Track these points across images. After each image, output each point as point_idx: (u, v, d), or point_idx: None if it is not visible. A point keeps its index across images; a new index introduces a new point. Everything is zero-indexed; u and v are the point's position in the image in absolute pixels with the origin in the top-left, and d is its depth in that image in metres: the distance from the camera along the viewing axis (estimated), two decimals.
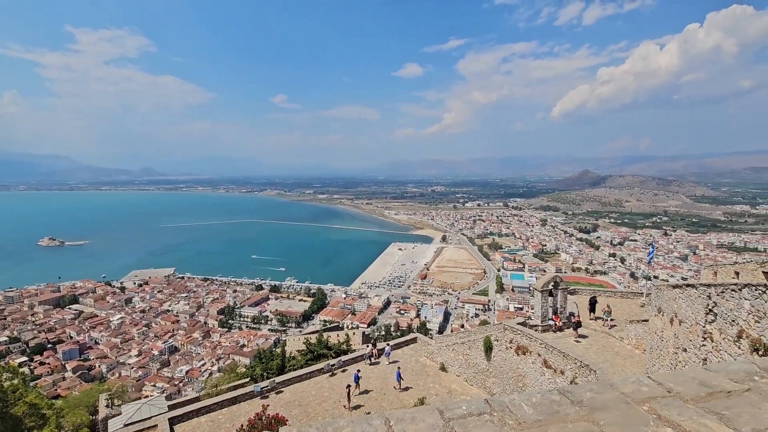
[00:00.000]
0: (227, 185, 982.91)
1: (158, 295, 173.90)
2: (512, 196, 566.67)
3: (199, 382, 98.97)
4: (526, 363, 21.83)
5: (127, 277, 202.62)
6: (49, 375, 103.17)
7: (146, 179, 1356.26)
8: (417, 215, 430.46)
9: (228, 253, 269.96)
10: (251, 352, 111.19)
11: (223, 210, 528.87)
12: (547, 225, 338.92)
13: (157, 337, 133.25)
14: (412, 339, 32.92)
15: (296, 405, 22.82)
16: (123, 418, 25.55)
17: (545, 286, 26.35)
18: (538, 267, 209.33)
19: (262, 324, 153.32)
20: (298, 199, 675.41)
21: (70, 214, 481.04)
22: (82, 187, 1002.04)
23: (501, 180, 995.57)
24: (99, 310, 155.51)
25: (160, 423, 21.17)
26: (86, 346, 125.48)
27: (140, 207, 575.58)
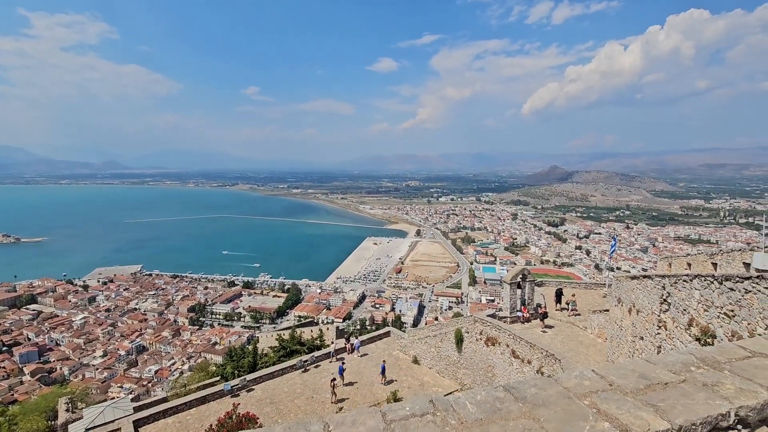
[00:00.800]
0: (197, 179, 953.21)
1: (124, 293, 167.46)
2: (484, 191, 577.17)
3: (168, 382, 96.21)
4: (495, 354, 22.40)
5: (90, 275, 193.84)
6: (5, 379, 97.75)
7: (110, 173, 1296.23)
8: (392, 210, 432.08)
9: (198, 249, 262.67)
10: (223, 350, 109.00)
11: (193, 205, 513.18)
12: (518, 219, 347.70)
13: (124, 336, 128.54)
14: (386, 333, 33.14)
15: (268, 402, 22.59)
16: (85, 422, 24.57)
17: (513, 279, 27.07)
18: (509, 260, 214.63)
19: (234, 321, 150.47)
20: (272, 193, 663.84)
21: (26, 209, 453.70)
22: (39, 180, 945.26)
23: (474, 175, 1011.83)
24: (60, 309, 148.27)
25: (123, 426, 20.51)
26: (46, 347, 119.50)
27: (104, 202, 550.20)
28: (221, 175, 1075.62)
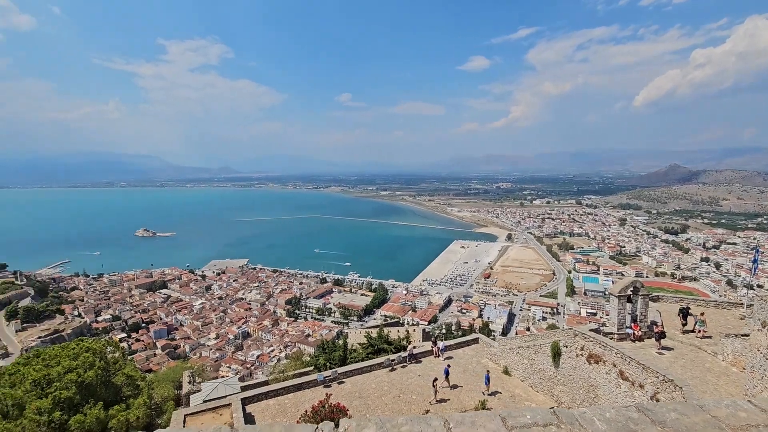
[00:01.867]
0: (295, 182, 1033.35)
1: (233, 283, 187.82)
2: (586, 193, 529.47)
3: (268, 366, 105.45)
4: (598, 373, 20.21)
5: (207, 267, 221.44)
6: (143, 351, 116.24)
7: (224, 176, 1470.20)
8: (481, 212, 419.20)
9: (294, 247, 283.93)
10: (315, 341, 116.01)
11: (291, 205, 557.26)
12: (627, 225, 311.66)
13: (232, 322, 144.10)
14: (474, 339, 32.05)
15: (357, 396, 23.31)
16: (203, 394, 27.87)
17: (623, 291, 24.17)
18: (614, 270, 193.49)
19: (325, 316, 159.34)
20: (361, 195, 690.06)
21: (160, 208, 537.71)
22: (170, 184, 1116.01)
23: (573, 176, 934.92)
24: (184, 295, 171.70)
25: (233, 402, 22.78)
26: (173, 327, 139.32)
27: (218, 202, 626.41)
28: (316, 178, 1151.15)
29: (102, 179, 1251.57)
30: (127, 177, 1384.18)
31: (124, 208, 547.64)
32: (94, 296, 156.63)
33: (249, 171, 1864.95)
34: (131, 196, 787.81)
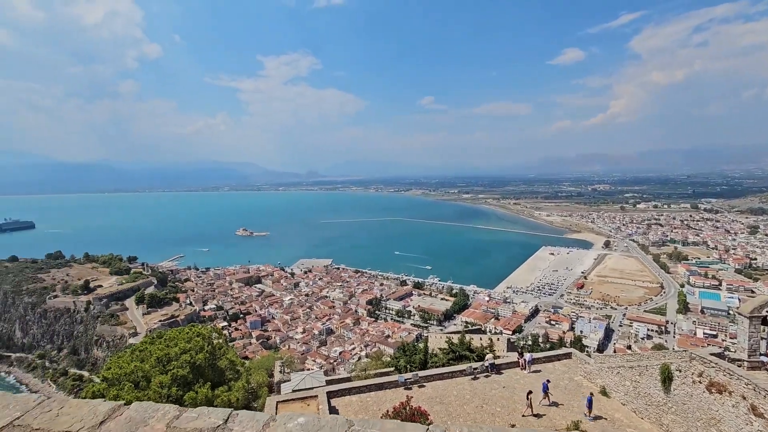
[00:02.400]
0: (377, 185, 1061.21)
1: (319, 282, 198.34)
2: (705, 195, 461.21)
3: (349, 363, 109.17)
4: (722, 405, 17.16)
5: (295, 265, 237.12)
6: (240, 339, 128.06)
7: (311, 180, 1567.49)
8: (573, 217, 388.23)
9: (375, 248, 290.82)
10: (395, 343, 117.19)
11: (372, 208, 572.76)
12: (759, 233, 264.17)
13: (317, 318, 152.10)
14: (566, 354, 29.53)
15: (438, 402, 22.86)
16: (292, 383, 29.65)
17: (756, 312, 20.31)
18: (742, 286, 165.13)
19: (405, 318, 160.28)
20: (442, 198, 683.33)
21: (257, 210, 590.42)
22: (265, 188, 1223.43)
23: (687, 176, 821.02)
24: (275, 290, 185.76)
25: (320, 394, 23.81)
26: (266, 319, 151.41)
27: (306, 205, 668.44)
28: (397, 181, 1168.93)
29: (210, 184, 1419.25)
30: (230, 182, 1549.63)
31: (227, 209, 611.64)
32: (203, 287, 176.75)
33: (334, 175, 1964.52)
34: (233, 198, 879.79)
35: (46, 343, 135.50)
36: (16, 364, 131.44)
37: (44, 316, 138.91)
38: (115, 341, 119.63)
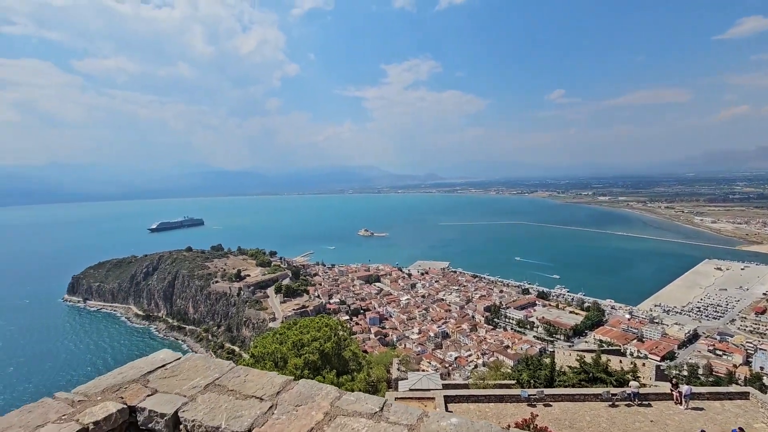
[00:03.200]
0: (498, 187, 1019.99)
1: (435, 284, 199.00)
2: None
3: (465, 370, 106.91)
4: None
5: (413, 266, 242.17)
6: (360, 334, 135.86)
7: (430, 183, 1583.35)
8: (751, 225, 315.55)
9: (494, 253, 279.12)
10: (515, 355, 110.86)
11: (492, 211, 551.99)
12: None
13: (433, 321, 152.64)
14: (740, 393, 23.94)
15: (567, 426, 20.78)
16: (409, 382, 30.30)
17: None
18: None
19: (527, 329, 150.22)
20: (573, 201, 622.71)
21: (377, 211, 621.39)
22: (385, 190, 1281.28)
23: None
24: (393, 290, 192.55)
25: (437, 397, 23.83)
26: (384, 316, 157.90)
27: (424, 206, 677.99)
28: (520, 183, 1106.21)
29: (336, 187, 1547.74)
30: (354, 185, 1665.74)
31: (351, 210, 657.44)
32: (328, 282, 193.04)
33: (453, 177, 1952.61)
34: (356, 200, 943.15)
35: (209, 320, 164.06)
36: (189, 334, 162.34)
37: (209, 297, 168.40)
38: (259, 324, 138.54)
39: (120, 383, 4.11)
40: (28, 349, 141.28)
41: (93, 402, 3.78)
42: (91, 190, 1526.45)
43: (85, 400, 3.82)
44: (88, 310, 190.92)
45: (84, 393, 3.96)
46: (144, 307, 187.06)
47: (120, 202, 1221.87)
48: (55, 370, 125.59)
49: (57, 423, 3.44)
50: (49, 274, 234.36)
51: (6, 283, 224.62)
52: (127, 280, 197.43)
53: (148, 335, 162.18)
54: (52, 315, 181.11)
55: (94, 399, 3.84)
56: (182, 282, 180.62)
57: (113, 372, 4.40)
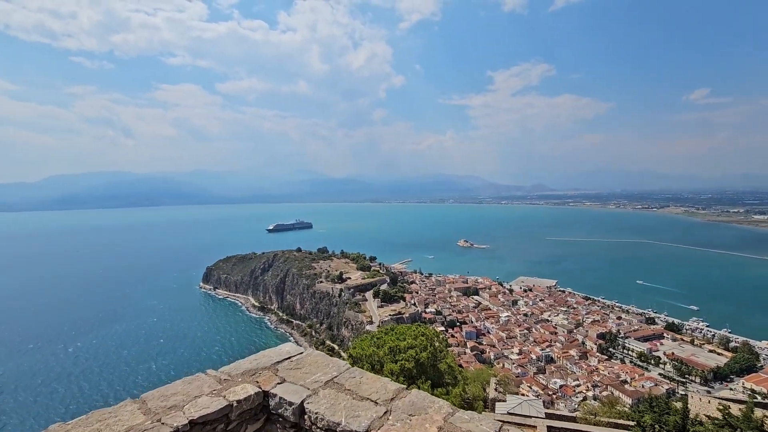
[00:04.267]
0: (618, 200, 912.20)
1: (540, 303, 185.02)
2: None
3: (572, 401, 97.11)
4: None
5: (514, 282, 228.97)
6: (456, 347, 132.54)
7: (536, 194, 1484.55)
8: None
9: (611, 274, 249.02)
10: (634, 392, 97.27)
11: (610, 227, 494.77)
12: None
13: (536, 342, 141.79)
14: None
15: None
16: (507, 405, 28.60)
17: None
18: None
19: (650, 364, 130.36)
20: (718, 219, 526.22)
21: (478, 222, 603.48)
22: (487, 201, 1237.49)
23: None
24: (492, 305, 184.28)
25: (539, 426, 22.11)
26: (481, 332, 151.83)
27: (530, 219, 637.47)
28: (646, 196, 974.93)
29: (437, 196, 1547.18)
30: (455, 194, 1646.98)
31: (451, 220, 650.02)
32: (425, 291, 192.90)
33: (563, 188, 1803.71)
34: (457, 210, 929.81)
35: (313, 317, 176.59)
36: (295, 328, 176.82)
37: (313, 296, 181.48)
38: (357, 325, 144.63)
39: (255, 368, 4.73)
40: (174, 325, 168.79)
41: (235, 382, 4.43)
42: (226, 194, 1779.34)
43: (229, 380, 4.48)
44: (216, 297, 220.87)
45: (228, 373, 4.65)
46: (260, 299, 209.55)
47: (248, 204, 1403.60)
48: (193, 345, 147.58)
49: (209, 396, 4.11)
50: (191, 264, 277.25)
51: (161, 270, 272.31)
52: (248, 274, 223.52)
53: (262, 325, 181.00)
54: (191, 299, 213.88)
55: (236, 380, 4.49)
56: (292, 280, 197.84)
57: (249, 358, 5.08)
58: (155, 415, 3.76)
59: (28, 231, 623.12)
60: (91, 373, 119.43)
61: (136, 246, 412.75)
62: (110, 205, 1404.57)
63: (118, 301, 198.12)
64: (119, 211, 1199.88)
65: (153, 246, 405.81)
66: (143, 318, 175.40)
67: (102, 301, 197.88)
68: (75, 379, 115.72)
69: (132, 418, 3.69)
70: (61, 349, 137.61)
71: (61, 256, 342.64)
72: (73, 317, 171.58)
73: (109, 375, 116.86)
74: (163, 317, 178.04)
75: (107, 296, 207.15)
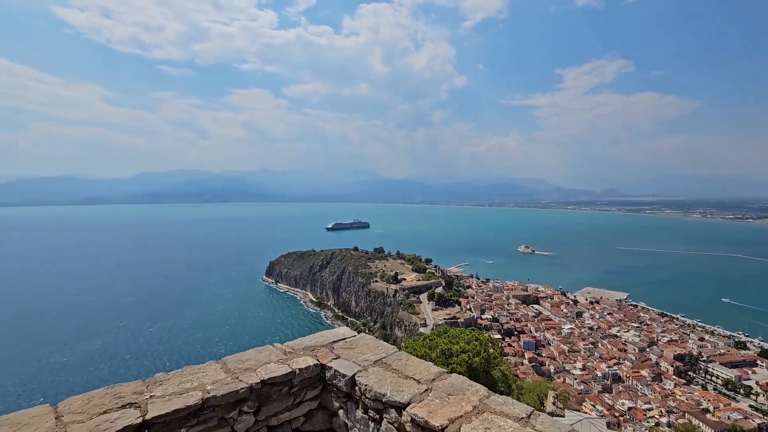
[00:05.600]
0: (705, 209, 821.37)
1: (608, 317, 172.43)
2: None
3: (641, 425, 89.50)
4: None
5: (580, 292, 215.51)
6: (512, 356, 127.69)
7: (607, 200, 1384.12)
8: None
9: (692, 290, 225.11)
10: (718, 423, 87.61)
11: (694, 238, 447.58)
12: None
13: (602, 359, 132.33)
14: None
15: None
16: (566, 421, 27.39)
17: None
18: None
19: (739, 394, 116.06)
20: None
21: (541, 227, 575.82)
22: (552, 205, 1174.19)
23: None
24: (553, 315, 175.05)
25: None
26: (540, 343, 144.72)
27: (600, 227, 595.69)
28: (739, 205, 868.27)
29: (496, 199, 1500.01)
30: (516, 198, 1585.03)
31: (511, 225, 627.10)
32: (481, 297, 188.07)
33: (639, 194, 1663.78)
34: (518, 214, 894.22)
35: (367, 316, 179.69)
36: (350, 325, 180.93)
37: (368, 294, 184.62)
38: (410, 327, 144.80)
39: (314, 345, 5.43)
40: (240, 314, 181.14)
41: (297, 354, 5.16)
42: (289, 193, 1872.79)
43: (293, 352, 5.23)
44: (277, 290, 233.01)
45: (291, 347, 5.39)
46: (317, 294, 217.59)
47: (309, 203, 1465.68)
48: (257, 333, 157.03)
49: (276, 363, 4.90)
50: (255, 257, 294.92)
51: (229, 262, 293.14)
52: (307, 270, 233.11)
53: (318, 319, 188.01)
54: (255, 290, 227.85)
55: (298, 353, 5.23)
56: (348, 278, 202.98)
57: (309, 336, 5.82)
58: (234, 374, 4.62)
59: (121, 222, 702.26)
60: (170, 351, 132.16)
61: (208, 239, 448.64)
62: (188, 201, 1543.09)
63: (192, 289, 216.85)
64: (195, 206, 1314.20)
65: (223, 239, 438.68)
66: (213, 305, 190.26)
67: (178, 288, 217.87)
68: (158, 355, 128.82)
69: (216, 374, 4.58)
70: (145, 328, 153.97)
71: (148, 247, 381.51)
72: (155, 300, 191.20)
73: (187, 354, 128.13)
74: (230, 306, 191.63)
75: (183, 284, 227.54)
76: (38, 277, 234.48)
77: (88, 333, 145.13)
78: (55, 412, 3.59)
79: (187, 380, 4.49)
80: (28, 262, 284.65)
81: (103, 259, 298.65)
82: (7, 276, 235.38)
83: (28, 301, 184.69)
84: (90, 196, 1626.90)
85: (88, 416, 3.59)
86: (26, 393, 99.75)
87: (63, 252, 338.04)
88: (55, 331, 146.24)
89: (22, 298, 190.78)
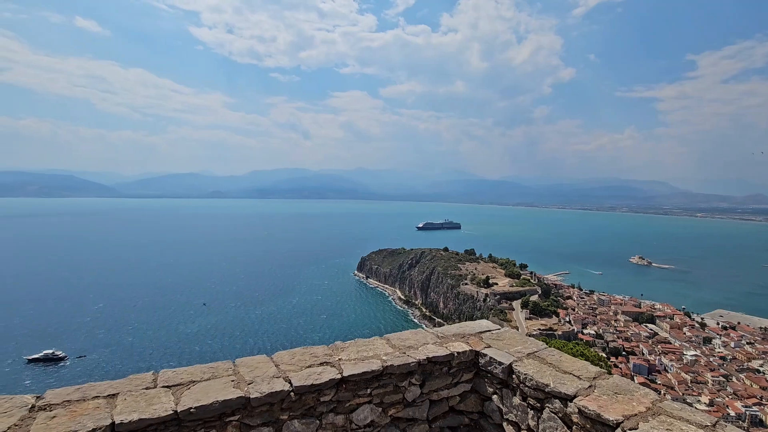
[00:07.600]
0: None
1: (747, 346, 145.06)
2: None
3: None
4: None
5: (709, 315, 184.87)
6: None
7: (752, 207, 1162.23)
8: None
9: None
10: None
11: None
12: None
13: (736, 396, 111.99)
14: None
15: None
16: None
17: None
18: None
19: None
20: None
21: (661, 237, 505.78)
22: (676, 212, 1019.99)
23: None
24: (673, 338, 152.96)
25: None
26: (655, 368, 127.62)
27: (739, 238, 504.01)
28: None
29: (606, 203, 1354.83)
30: (630, 202, 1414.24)
31: (623, 232, 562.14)
32: (584, 309, 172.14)
33: None
34: (631, 221, 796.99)
35: (455, 318, 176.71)
36: (437, 326, 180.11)
37: (457, 297, 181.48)
38: None
39: (463, 333, 5.84)
40: (334, 305, 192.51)
41: (450, 340, 5.59)
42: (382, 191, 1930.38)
43: (444, 337, 5.69)
44: (368, 285, 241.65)
45: (441, 334, 5.86)
46: (406, 293, 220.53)
47: (400, 202, 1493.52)
48: (349, 324, 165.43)
49: (434, 345, 5.42)
50: (348, 252, 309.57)
51: (325, 255, 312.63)
52: (396, 267, 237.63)
53: (405, 317, 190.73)
54: (347, 284, 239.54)
55: (449, 338, 5.65)
56: (437, 278, 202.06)
57: (454, 325, 6.23)
58: (400, 350, 5.23)
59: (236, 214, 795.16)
60: (274, 334, 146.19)
61: (309, 232, 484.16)
62: (291, 197, 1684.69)
63: (293, 278, 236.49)
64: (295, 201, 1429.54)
65: (321, 233, 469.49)
66: (311, 295, 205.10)
67: (282, 276, 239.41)
68: (261, 336, 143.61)
69: (384, 348, 5.24)
70: (251, 310, 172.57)
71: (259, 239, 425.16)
72: (262, 286, 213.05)
73: (292, 338, 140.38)
74: (325, 296, 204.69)
75: (285, 273, 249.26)
76: (175, 258, 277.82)
77: (206, 311, 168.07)
78: (272, 361, 4.56)
79: (362, 349, 5.16)
80: (159, 247, 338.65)
81: (226, 247, 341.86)
82: (154, 256, 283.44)
83: (168, 278, 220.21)
84: (214, 190, 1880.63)
85: (297, 368, 4.49)
86: (156, 355, 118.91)
87: (192, 238, 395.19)
88: (186, 306, 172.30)
89: (163, 274, 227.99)
